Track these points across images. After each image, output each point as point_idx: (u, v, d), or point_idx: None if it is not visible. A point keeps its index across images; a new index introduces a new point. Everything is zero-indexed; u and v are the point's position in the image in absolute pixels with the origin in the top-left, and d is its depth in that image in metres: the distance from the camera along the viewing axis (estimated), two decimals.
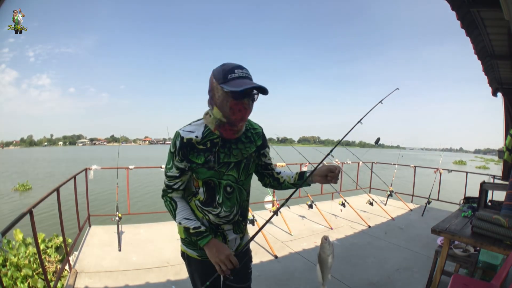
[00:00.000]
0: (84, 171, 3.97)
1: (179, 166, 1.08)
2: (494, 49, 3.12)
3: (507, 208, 2.17)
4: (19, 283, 3.09)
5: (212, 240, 1.09)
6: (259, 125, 1.25)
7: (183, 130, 1.07)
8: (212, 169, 1.08)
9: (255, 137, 1.19)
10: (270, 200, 4.28)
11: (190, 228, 1.08)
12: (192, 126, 1.09)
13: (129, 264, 2.88)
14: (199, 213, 1.15)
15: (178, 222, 1.11)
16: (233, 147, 1.11)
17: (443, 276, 2.21)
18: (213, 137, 1.08)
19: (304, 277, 2.72)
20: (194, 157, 1.06)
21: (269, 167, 1.28)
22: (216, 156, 1.08)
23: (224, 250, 1.06)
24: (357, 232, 4.07)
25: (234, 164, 1.11)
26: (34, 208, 2.08)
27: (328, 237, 1.13)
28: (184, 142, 1.04)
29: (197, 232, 1.08)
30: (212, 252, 1.06)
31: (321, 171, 1.16)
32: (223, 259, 1.04)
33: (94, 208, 6.50)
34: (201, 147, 1.06)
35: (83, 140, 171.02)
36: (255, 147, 1.18)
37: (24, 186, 14.05)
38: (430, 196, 5.36)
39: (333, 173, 1.13)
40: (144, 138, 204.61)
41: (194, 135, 1.06)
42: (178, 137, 1.05)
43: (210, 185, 1.11)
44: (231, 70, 0.99)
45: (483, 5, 2.32)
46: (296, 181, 1.25)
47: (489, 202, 2.86)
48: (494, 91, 4.34)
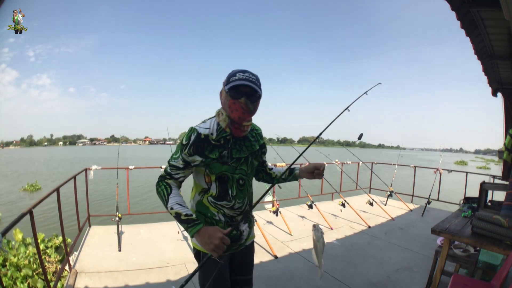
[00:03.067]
0: (84, 171, 3.97)
1: (185, 159, 1.13)
2: (494, 49, 3.12)
3: (507, 208, 2.17)
4: (19, 283, 3.08)
5: (203, 228, 1.10)
6: (259, 127, 1.38)
7: (200, 127, 1.14)
8: (226, 164, 1.16)
9: (258, 137, 1.33)
10: (270, 200, 4.28)
11: (182, 214, 1.10)
12: (206, 123, 1.17)
13: (129, 264, 2.88)
14: (213, 209, 1.19)
15: (170, 207, 1.12)
16: (243, 144, 1.21)
17: (443, 276, 2.21)
18: (226, 134, 1.16)
19: (304, 277, 2.72)
20: (209, 153, 1.13)
21: (264, 164, 1.43)
22: (229, 152, 1.16)
23: (216, 233, 1.07)
24: (357, 232, 4.07)
25: (244, 159, 1.21)
26: (34, 208, 2.08)
27: (317, 225, 1.28)
28: (201, 138, 1.12)
29: (189, 219, 1.10)
30: (204, 239, 1.07)
31: (308, 168, 1.32)
32: (218, 243, 1.05)
33: (94, 208, 6.51)
34: (215, 143, 1.14)
35: (83, 140, 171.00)
36: (259, 145, 1.30)
37: (34, 186, 13.55)
38: (430, 196, 5.35)
39: (319, 170, 1.29)
40: (144, 138, 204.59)
41: (209, 132, 1.14)
42: (195, 132, 1.12)
43: (224, 179, 1.17)
44: (234, 74, 1.10)
45: (483, 5, 2.31)
46: (287, 176, 1.39)
47: (489, 202, 2.86)
48: (494, 91, 4.33)
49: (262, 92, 1.14)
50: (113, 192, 4.55)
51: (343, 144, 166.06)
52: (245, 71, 1.11)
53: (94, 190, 9.78)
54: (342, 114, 1.48)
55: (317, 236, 1.26)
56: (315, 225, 1.29)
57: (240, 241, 1.28)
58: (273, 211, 4.07)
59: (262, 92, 1.14)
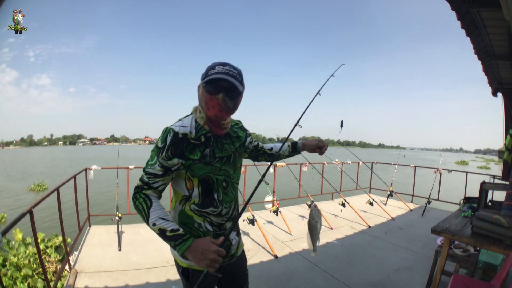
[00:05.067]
0: (84, 171, 3.97)
1: (164, 164, 0.99)
2: (494, 49, 3.12)
3: (507, 208, 2.17)
4: (19, 283, 3.09)
5: (194, 242, 0.95)
6: (238, 120, 1.28)
7: (176, 126, 1.02)
8: (210, 164, 1.04)
9: (240, 131, 1.22)
10: (270, 200, 4.28)
11: (167, 230, 0.95)
12: (183, 121, 1.05)
13: (129, 264, 2.88)
14: (198, 217, 1.07)
15: (152, 223, 0.96)
16: (224, 141, 1.11)
17: (443, 276, 2.21)
18: (205, 131, 1.05)
19: (304, 277, 2.72)
20: (189, 153, 1.00)
21: (258, 147, 1.37)
22: (211, 150, 1.05)
23: (210, 246, 0.93)
24: (357, 232, 4.07)
25: (226, 158, 1.10)
26: (34, 208, 2.08)
27: (316, 205, 1.31)
28: (179, 137, 0.99)
29: (176, 235, 0.95)
30: (196, 256, 0.93)
31: (312, 145, 1.35)
32: (214, 257, 0.91)
33: (94, 208, 6.51)
34: (195, 142, 1.02)
35: (83, 140, 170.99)
36: (240, 142, 1.20)
37: (40, 186, 13.43)
38: (430, 196, 5.36)
39: (321, 150, 1.35)
40: (144, 137, 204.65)
41: (188, 130, 1.02)
42: (171, 132, 0.99)
43: (208, 182, 1.05)
44: (213, 67, 0.98)
45: (483, 5, 2.31)
46: (290, 153, 1.40)
47: (489, 202, 2.86)
48: (494, 91, 4.33)
49: (244, 88, 1.03)
50: (113, 192, 4.54)
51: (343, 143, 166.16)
52: (226, 63, 0.99)
53: (94, 190, 9.77)
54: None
55: (317, 217, 1.30)
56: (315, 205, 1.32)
57: (230, 252, 1.16)
58: (273, 211, 4.07)
59: (243, 88, 1.03)
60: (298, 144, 1.39)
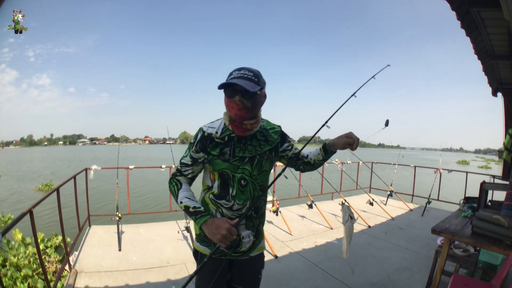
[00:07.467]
0: (84, 171, 3.98)
1: (193, 156, 1.20)
2: (494, 49, 3.12)
3: (507, 208, 2.17)
4: (19, 283, 3.09)
5: (210, 219, 1.14)
6: (278, 125, 1.31)
7: (206, 126, 1.21)
8: (227, 161, 1.16)
9: (273, 136, 1.25)
10: (270, 200, 4.28)
11: (190, 207, 1.16)
12: (214, 123, 1.22)
13: (129, 264, 2.88)
14: (212, 206, 1.21)
15: (180, 201, 1.19)
16: (248, 143, 1.19)
17: (443, 276, 2.21)
18: (229, 132, 1.18)
19: (304, 277, 2.72)
20: (211, 149, 1.16)
21: (299, 156, 1.36)
22: (232, 149, 1.17)
23: (224, 224, 1.11)
24: (357, 232, 4.07)
25: (249, 159, 1.19)
26: (34, 208, 2.08)
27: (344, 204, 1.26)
28: (205, 135, 1.17)
29: (197, 211, 1.15)
30: (211, 229, 1.11)
31: (340, 144, 1.26)
32: (225, 234, 1.08)
33: (94, 208, 6.50)
34: (219, 141, 1.17)
35: (83, 139, 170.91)
36: (270, 146, 1.24)
37: (48, 186, 13.23)
38: (430, 196, 5.36)
39: (351, 146, 1.24)
40: (144, 137, 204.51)
41: (214, 131, 1.18)
42: (201, 131, 1.19)
43: (225, 177, 1.18)
44: (231, 73, 1.10)
45: (483, 5, 2.31)
46: (324, 156, 1.34)
47: (489, 202, 2.86)
48: (494, 91, 4.33)
49: (261, 87, 1.08)
50: (113, 191, 4.54)
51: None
52: (242, 68, 1.10)
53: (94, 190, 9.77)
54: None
55: (344, 219, 1.29)
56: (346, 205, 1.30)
57: (238, 248, 1.21)
58: (273, 211, 4.08)
59: (261, 87, 1.08)
60: (327, 145, 1.31)
